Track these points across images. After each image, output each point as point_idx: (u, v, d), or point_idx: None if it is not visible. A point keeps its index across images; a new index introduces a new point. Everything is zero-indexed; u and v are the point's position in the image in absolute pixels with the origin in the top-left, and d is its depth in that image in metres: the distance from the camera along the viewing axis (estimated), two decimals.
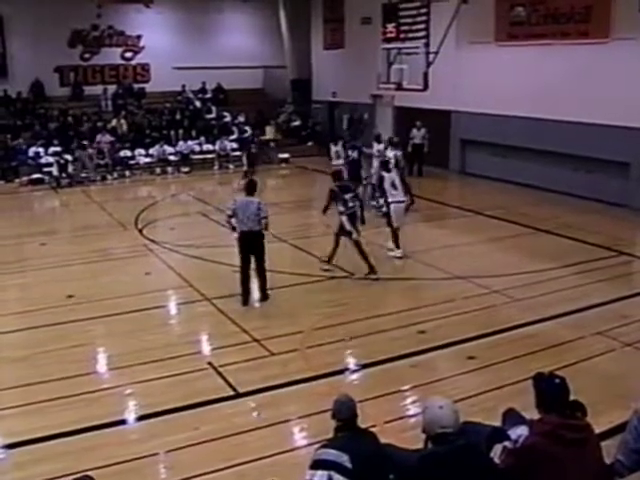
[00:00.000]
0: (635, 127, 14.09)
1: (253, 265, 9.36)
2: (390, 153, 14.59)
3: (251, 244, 9.17)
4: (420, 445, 3.87)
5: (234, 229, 9.22)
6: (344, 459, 3.79)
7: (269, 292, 9.47)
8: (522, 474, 3.66)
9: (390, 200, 11.32)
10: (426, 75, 15.56)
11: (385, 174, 11.58)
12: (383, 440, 4.25)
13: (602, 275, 10.35)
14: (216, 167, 21.56)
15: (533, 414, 3.94)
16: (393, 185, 11.36)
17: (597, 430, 4.05)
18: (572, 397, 4.04)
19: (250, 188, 9.30)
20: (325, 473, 3.77)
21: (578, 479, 3.63)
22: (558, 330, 8.25)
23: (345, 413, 4.11)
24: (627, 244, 12.23)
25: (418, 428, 3.86)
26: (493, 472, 3.66)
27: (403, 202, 11.47)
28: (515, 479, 3.69)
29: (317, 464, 3.85)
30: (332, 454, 3.84)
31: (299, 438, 6.08)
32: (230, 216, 9.18)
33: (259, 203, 9.07)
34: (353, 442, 3.95)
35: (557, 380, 3.90)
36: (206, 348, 8.10)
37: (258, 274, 9.40)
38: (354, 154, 15.39)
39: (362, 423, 4.26)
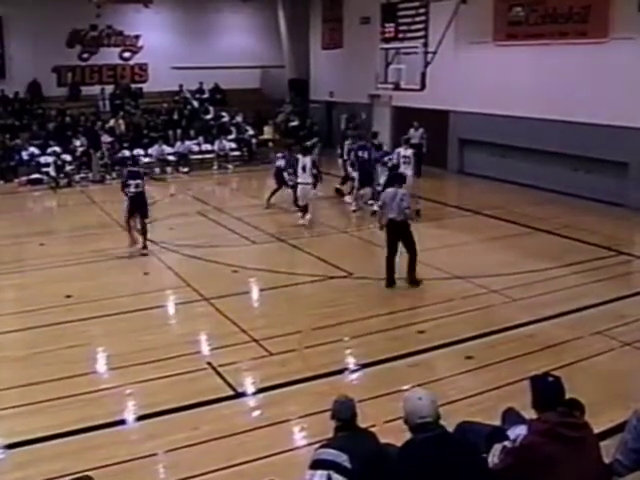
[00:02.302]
0: (634, 127, 14.10)
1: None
2: (407, 152, 14.29)
3: (396, 232, 9.73)
4: None
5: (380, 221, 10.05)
6: (343, 459, 3.80)
7: (419, 279, 9.87)
8: (521, 473, 3.66)
9: (298, 181, 13.67)
10: (424, 75, 15.55)
11: (300, 157, 13.75)
12: (383, 440, 4.25)
13: (601, 275, 10.36)
14: (215, 167, 21.59)
15: (532, 413, 3.95)
16: (303, 168, 13.52)
17: (596, 430, 4.06)
18: (571, 396, 4.06)
19: (399, 180, 10.22)
20: (324, 473, 3.78)
21: (577, 478, 3.63)
22: (557, 330, 8.25)
23: (345, 413, 4.12)
24: (626, 244, 12.26)
25: None
26: (471, 458, 3.71)
27: (308, 184, 13.51)
28: (512, 478, 3.70)
29: (316, 464, 3.86)
30: (331, 454, 3.85)
31: (298, 438, 6.08)
32: (381, 207, 9.98)
33: (403, 194, 9.69)
34: (353, 442, 3.96)
35: (550, 379, 3.93)
36: (205, 348, 8.09)
37: (409, 262, 9.81)
38: (364, 155, 14.79)
39: (362, 423, 4.27)
